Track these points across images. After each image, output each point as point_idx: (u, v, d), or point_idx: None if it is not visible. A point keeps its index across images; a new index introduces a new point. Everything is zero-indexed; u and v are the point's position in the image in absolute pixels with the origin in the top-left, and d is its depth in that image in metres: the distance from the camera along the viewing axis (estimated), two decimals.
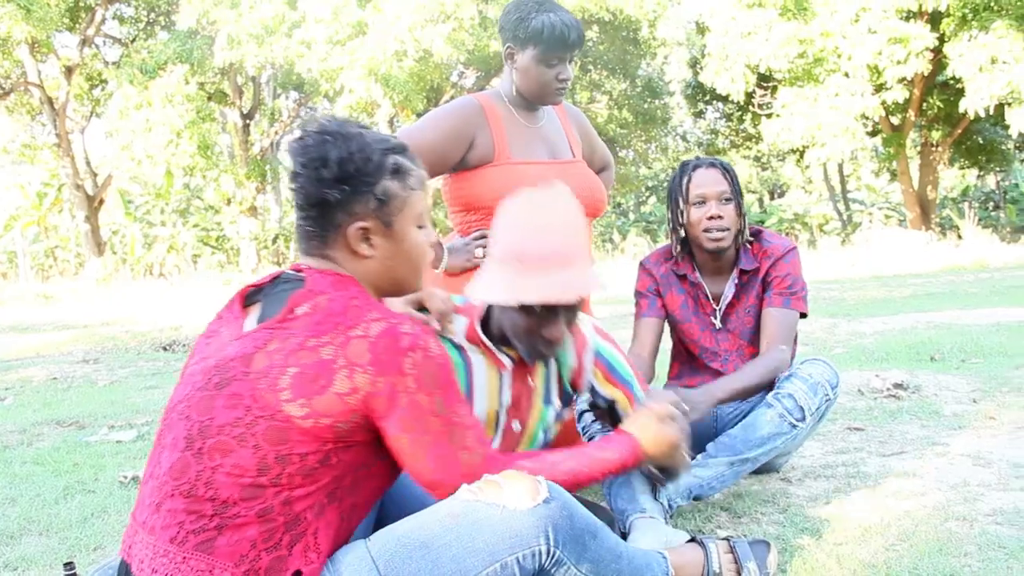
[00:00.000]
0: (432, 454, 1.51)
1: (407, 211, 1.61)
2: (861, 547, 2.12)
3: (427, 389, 1.48)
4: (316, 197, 1.54)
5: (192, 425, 1.46)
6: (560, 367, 2.13)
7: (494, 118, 2.82)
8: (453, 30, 17.26)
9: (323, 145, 1.54)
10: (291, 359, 1.45)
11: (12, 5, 16.31)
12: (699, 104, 23.52)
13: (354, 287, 1.55)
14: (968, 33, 15.70)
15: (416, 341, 1.48)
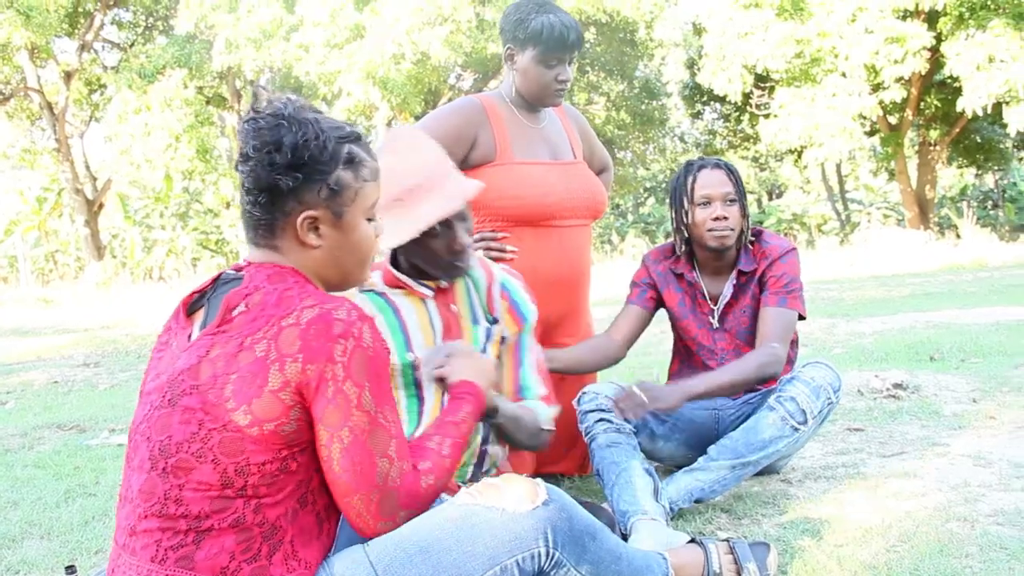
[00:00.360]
0: (348, 454, 1.42)
1: (359, 202, 1.55)
2: (862, 548, 2.13)
3: (356, 379, 1.41)
4: (266, 182, 1.48)
5: (153, 445, 1.43)
6: (477, 291, 2.24)
7: (496, 118, 2.83)
8: (451, 33, 17.27)
9: (277, 129, 1.48)
10: (231, 364, 1.41)
11: (12, 11, 16.32)
12: (697, 105, 23.52)
13: (291, 277, 1.50)
14: (965, 32, 15.70)
15: (349, 328, 1.42)
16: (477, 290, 2.24)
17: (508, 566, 1.47)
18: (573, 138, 2.99)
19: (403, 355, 2.11)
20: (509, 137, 2.84)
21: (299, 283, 1.50)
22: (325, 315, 1.41)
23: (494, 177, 2.78)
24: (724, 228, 2.64)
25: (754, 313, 2.73)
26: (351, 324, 1.42)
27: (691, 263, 2.80)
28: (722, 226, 2.64)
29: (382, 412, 1.45)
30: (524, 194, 2.76)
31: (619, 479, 2.42)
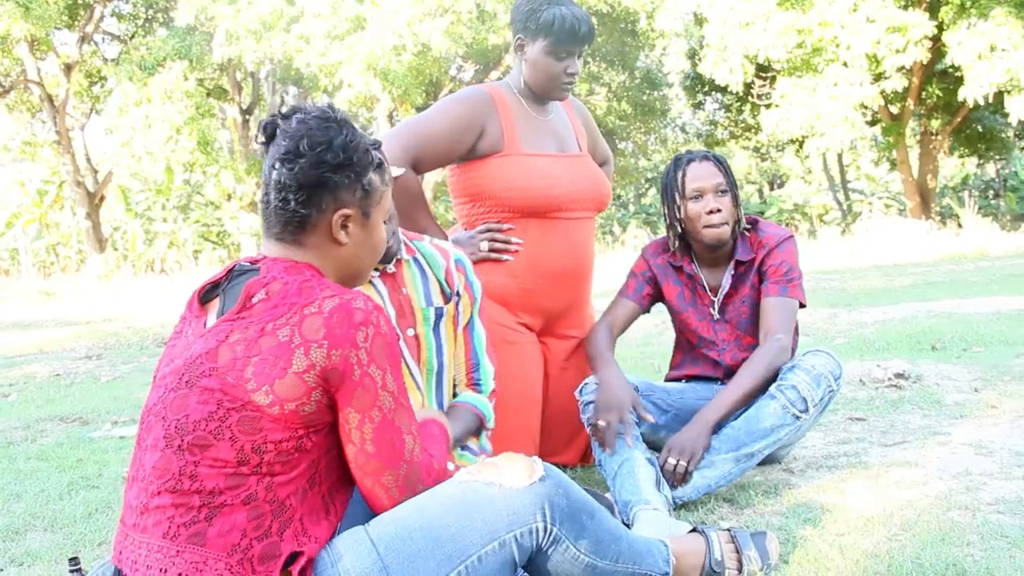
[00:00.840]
0: (379, 433, 1.50)
1: (382, 204, 1.66)
2: (863, 537, 2.13)
3: (379, 362, 1.49)
4: (314, 179, 1.55)
5: (169, 424, 1.47)
6: (435, 272, 2.34)
7: (504, 108, 2.83)
8: (451, 24, 17.23)
9: (327, 130, 1.57)
10: (252, 348, 1.46)
11: (11, 3, 16.28)
12: (698, 95, 23.47)
13: (308, 270, 1.57)
14: (967, 21, 15.65)
15: (368, 316, 1.49)
16: (434, 269, 2.34)
17: (506, 541, 1.50)
18: (578, 131, 3.00)
19: None
20: (517, 128, 2.83)
21: (316, 275, 1.56)
22: (346, 304, 1.48)
23: (502, 167, 2.79)
24: (719, 220, 2.64)
25: (753, 303, 2.73)
26: (369, 313, 1.49)
27: (689, 255, 2.80)
28: (717, 219, 2.64)
29: (402, 393, 1.53)
30: (531, 185, 2.76)
31: (621, 469, 2.42)
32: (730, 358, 2.78)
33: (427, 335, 2.30)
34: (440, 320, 2.32)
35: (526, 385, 2.85)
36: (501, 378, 2.71)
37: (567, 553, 1.59)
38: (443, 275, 2.35)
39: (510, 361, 2.79)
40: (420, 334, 2.29)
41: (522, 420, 2.84)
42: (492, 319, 2.78)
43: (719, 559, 1.92)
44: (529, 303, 2.86)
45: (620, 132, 25.06)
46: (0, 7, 16.46)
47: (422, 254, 2.35)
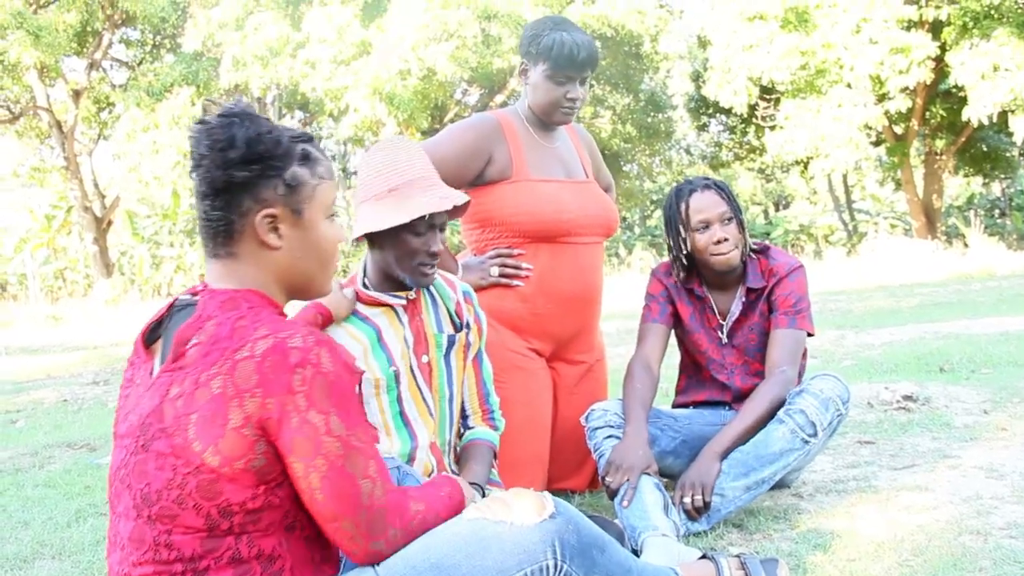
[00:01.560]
0: (327, 481, 1.38)
1: (316, 200, 1.52)
2: (874, 563, 2.12)
3: (320, 406, 1.37)
4: (222, 181, 1.44)
5: (135, 493, 1.41)
6: (445, 302, 2.37)
7: (511, 134, 2.85)
8: (456, 48, 17.32)
9: (229, 127, 1.44)
10: (191, 403, 1.37)
11: (22, 31, 16.44)
12: (702, 117, 23.54)
13: (246, 303, 1.45)
14: (969, 41, 15.71)
15: (306, 356, 1.37)
16: (444, 300, 2.37)
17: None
18: (584, 157, 3.02)
19: (386, 370, 2.23)
20: (525, 154, 2.85)
21: (254, 309, 1.44)
22: (280, 345, 1.37)
23: (511, 193, 2.81)
24: (727, 249, 2.65)
25: (762, 330, 2.74)
26: (307, 351, 1.38)
27: (699, 278, 2.80)
28: (725, 248, 2.65)
29: (354, 434, 1.41)
30: (540, 210, 2.78)
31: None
32: (739, 381, 2.78)
33: (439, 361, 2.33)
34: (452, 348, 2.35)
35: (535, 411, 2.85)
36: (510, 403, 2.73)
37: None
38: (453, 306, 2.38)
39: (519, 387, 2.80)
40: (432, 360, 2.31)
41: (531, 446, 2.84)
42: (502, 344, 2.80)
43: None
44: (539, 328, 2.87)
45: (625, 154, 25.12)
46: (11, 35, 16.62)
47: (434, 284, 2.38)
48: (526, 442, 2.82)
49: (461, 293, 2.42)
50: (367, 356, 2.22)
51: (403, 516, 1.47)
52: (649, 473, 2.46)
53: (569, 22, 2.81)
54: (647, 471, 2.45)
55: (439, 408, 2.33)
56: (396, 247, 2.19)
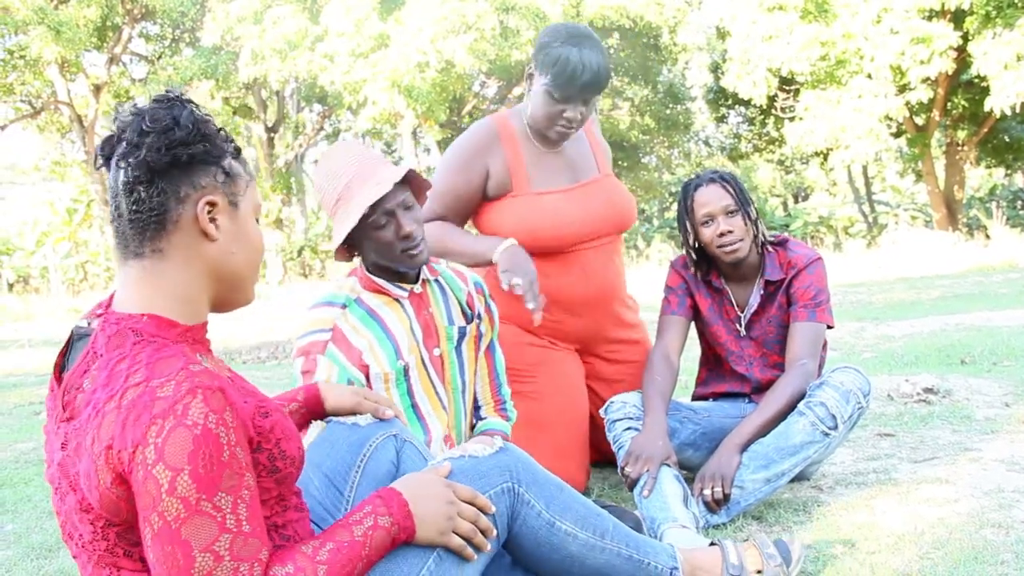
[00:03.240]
0: (157, 542, 1.21)
1: (248, 196, 1.44)
2: (895, 556, 2.11)
3: (170, 463, 1.19)
4: (166, 161, 1.32)
5: (74, 541, 1.36)
6: (455, 293, 2.38)
7: (510, 143, 2.78)
8: (475, 40, 17.33)
9: (171, 108, 1.35)
10: (77, 461, 1.28)
11: (43, 27, 16.58)
12: (721, 109, 23.43)
13: (132, 335, 1.31)
14: (992, 31, 15.54)
15: (172, 407, 1.21)
16: (455, 292, 2.38)
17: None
18: (598, 148, 2.96)
19: (394, 363, 2.23)
20: (525, 165, 2.78)
21: (140, 343, 1.30)
22: (147, 393, 1.23)
23: (512, 209, 2.76)
24: (732, 241, 2.65)
25: (780, 323, 2.73)
26: (175, 402, 1.21)
27: (716, 270, 2.81)
28: (728, 240, 2.66)
29: (209, 500, 1.21)
30: (538, 227, 2.72)
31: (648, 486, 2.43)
32: (758, 372, 2.78)
33: (450, 354, 2.34)
34: (462, 340, 2.36)
35: (567, 399, 2.89)
36: (543, 396, 2.81)
37: (541, 518, 1.64)
38: (464, 297, 2.39)
39: (548, 379, 2.85)
40: (444, 352, 2.32)
41: (569, 433, 2.87)
42: (524, 341, 2.85)
43: (736, 563, 1.90)
44: (559, 332, 2.89)
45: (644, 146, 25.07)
46: (32, 30, 16.75)
47: (443, 276, 2.39)
48: (564, 430, 2.86)
49: (472, 284, 2.43)
50: (373, 349, 2.21)
51: None
52: (669, 464, 2.46)
53: (587, 36, 2.61)
54: (667, 462, 2.46)
55: (452, 400, 2.34)
56: (371, 247, 2.21)
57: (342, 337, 2.20)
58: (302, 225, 24.11)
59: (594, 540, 1.71)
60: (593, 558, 1.71)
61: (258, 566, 1.25)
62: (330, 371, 2.17)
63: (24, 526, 3.00)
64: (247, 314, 12.09)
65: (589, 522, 1.72)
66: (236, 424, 1.27)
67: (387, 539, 1.43)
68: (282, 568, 1.29)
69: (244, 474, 1.26)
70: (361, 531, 1.40)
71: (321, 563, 1.33)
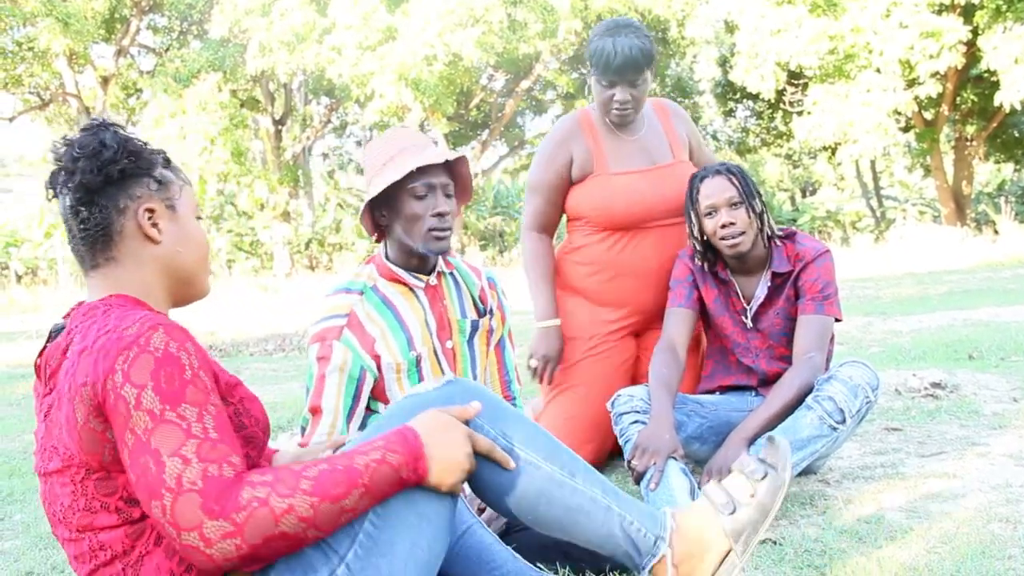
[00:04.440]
0: (133, 456, 1.30)
1: (184, 199, 1.56)
2: (902, 550, 2.11)
3: (135, 380, 1.30)
4: (100, 181, 1.45)
5: (56, 520, 1.44)
6: (469, 288, 2.41)
7: (591, 132, 3.05)
8: (482, 33, 17.31)
9: (96, 134, 1.48)
10: (59, 412, 1.39)
11: (51, 19, 16.61)
12: (729, 103, 23.35)
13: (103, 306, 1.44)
14: (1003, 25, 15.47)
15: (136, 339, 1.33)
16: (468, 286, 2.41)
17: None
18: (675, 137, 3.12)
19: (407, 353, 2.24)
20: (605, 150, 3.03)
21: (109, 311, 1.42)
22: (114, 332, 1.35)
23: (591, 189, 3.02)
24: (734, 234, 2.66)
25: (787, 315, 2.73)
26: (139, 335, 1.33)
27: (723, 262, 2.81)
28: (730, 232, 2.67)
29: (173, 410, 1.30)
30: (612, 204, 2.97)
31: (655, 478, 2.42)
32: (764, 365, 2.78)
33: (463, 347, 2.35)
34: (475, 333, 2.38)
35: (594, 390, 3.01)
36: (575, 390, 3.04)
37: (497, 444, 1.59)
38: (477, 292, 2.42)
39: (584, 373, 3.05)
40: (456, 345, 2.34)
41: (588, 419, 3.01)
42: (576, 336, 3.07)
43: (725, 501, 1.70)
44: (620, 300, 3.06)
45: None
46: (40, 22, 16.78)
47: (458, 270, 2.41)
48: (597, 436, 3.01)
49: (485, 279, 2.46)
50: (385, 338, 2.23)
51: (225, 506, 1.27)
52: (675, 457, 2.46)
53: (625, 25, 2.90)
54: (673, 455, 2.46)
55: None
56: (402, 216, 2.21)
57: (357, 324, 2.22)
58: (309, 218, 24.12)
59: (562, 476, 1.62)
60: (562, 497, 1.61)
61: (228, 467, 1.30)
62: (345, 357, 2.18)
63: (32, 516, 3.01)
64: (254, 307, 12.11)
65: (557, 457, 1.63)
66: (198, 354, 1.36)
67: (393, 476, 1.42)
68: (261, 476, 1.32)
69: (209, 394, 1.35)
70: (364, 461, 1.40)
71: (307, 478, 1.34)
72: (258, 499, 1.29)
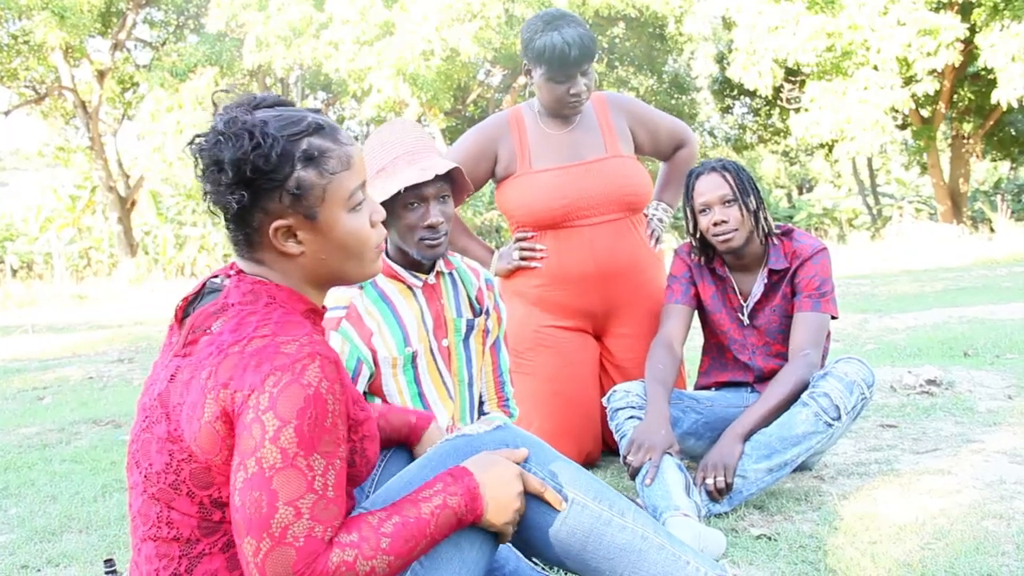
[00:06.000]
0: (248, 486, 1.26)
1: (330, 198, 1.40)
2: (896, 546, 2.12)
3: (280, 413, 1.26)
4: (225, 202, 1.38)
5: (141, 470, 1.39)
6: (467, 287, 2.41)
7: (519, 129, 2.99)
8: (480, 29, 17.26)
9: (217, 147, 1.36)
10: (186, 392, 1.33)
11: (47, 12, 16.55)
12: (726, 99, 23.36)
13: (266, 297, 1.40)
14: (1000, 23, 15.47)
15: (292, 363, 1.28)
16: (466, 286, 2.41)
17: None
18: (609, 132, 3.02)
19: (402, 349, 2.26)
20: (530, 147, 2.96)
21: (271, 306, 1.38)
22: (272, 346, 1.30)
23: (514, 187, 2.97)
24: (726, 231, 2.67)
25: (784, 312, 2.73)
26: (296, 359, 1.29)
27: (720, 258, 2.81)
28: (722, 230, 2.68)
29: (305, 458, 1.27)
30: (533, 201, 2.91)
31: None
32: (761, 361, 2.78)
33: (458, 346, 2.36)
34: (470, 333, 2.39)
35: (561, 385, 2.96)
36: (537, 380, 2.92)
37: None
38: (474, 292, 2.42)
39: (542, 363, 2.96)
40: (452, 344, 2.34)
41: (556, 420, 2.94)
42: (526, 323, 2.97)
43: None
44: (562, 307, 2.98)
45: None
46: (36, 15, 16.73)
47: (457, 270, 2.42)
48: (550, 416, 2.93)
49: (483, 280, 2.47)
50: (382, 333, 2.24)
51: (313, 568, 1.27)
52: (671, 453, 2.46)
53: (561, 15, 2.83)
54: (669, 451, 2.46)
55: (459, 393, 2.36)
56: (396, 224, 2.24)
57: (356, 316, 2.24)
58: None
59: (610, 515, 1.57)
60: (611, 535, 1.56)
61: (330, 531, 1.30)
62: (342, 348, 2.20)
63: (28, 510, 3.01)
64: None
65: (605, 496, 1.58)
66: (342, 398, 1.33)
67: (453, 519, 1.42)
68: (347, 535, 1.32)
69: (340, 445, 1.32)
70: (429, 508, 1.40)
71: (385, 535, 1.34)
72: (346, 563, 1.29)
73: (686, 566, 1.59)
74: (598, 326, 3.04)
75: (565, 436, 2.91)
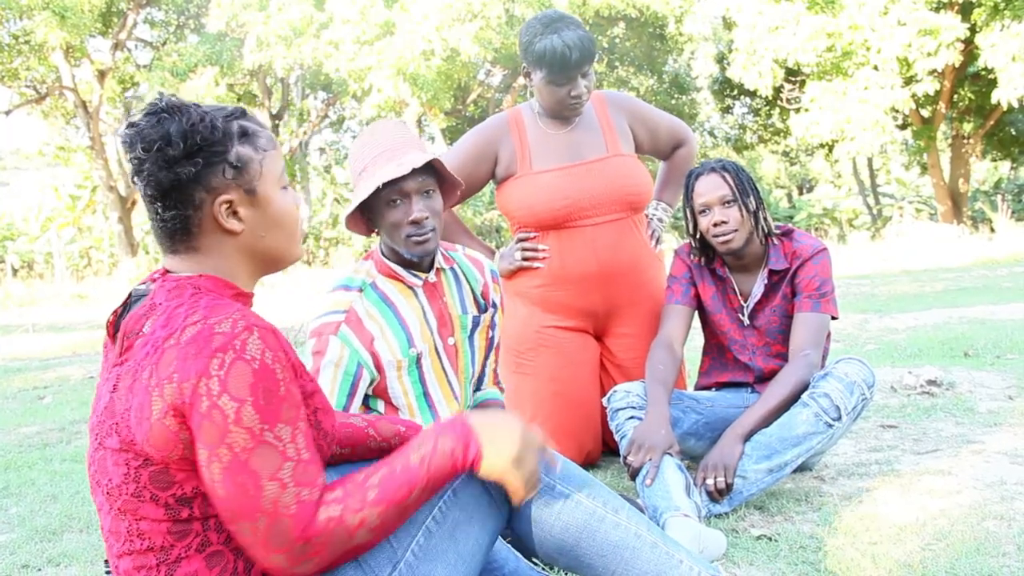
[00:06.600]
0: (228, 474, 1.28)
1: (266, 174, 1.45)
2: (896, 546, 2.12)
3: (234, 392, 1.27)
4: (168, 181, 1.37)
5: (102, 489, 1.38)
6: (470, 283, 2.39)
7: (519, 130, 2.98)
8: (480, 29, 17.27)
9: (160, 124, 1.38)
10: (130, 397, 1.33)
11: (48, 12, 16.56)
12: (727, 99, 23.36)
13: (191, 287, 1.39)
14: (1000, 23, 15.47)
15: (231, 340, 1.28)
16: (470, 281, 2.39)
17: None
18: (609, 131, 3.02)
19: (407, 351, 2.23)
20: (530, 148, 2.96)
21: (197, 295, 1.38)
22: (205, 330, 1.30)
23: (515, 188, 2.96)
24: (726, 232, 2.67)
25: (784, 312, 2.73)
26: (233, 336, 1.29)
27: (720, 258, 2.81)
28: (722, 230, 2.68)
29: (271, 430, 1.29)
30: (534, 202, 2.91)
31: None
32: (761, 362, 2.78)
33: (464, 343, 2.35)
34: (476, 329, 2.37)
35: (561, 385, 2.97)
36: (537, 380, 2.93)
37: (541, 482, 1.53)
38: (479, 287, 2.40)
39: (543, 363, 2.96)
40: (458, 342, 2.33)
41: (557, 419, 2.94)
42: (527, 324, 2.97)
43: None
44: (564, 307, 2.98)
45: None
46: (37, 15, 16.73)
47: (459, 265, 2.40)
48: (550, 416, 2.93)
49: (488, 272, 2.44)
50: (385, 336, 2.22)
51: (310, 531, 1.30)
52: (671, 453, 2.46)
53: (559, 17, 2.83)
54: (669, 451, 2.46)
55: (464, 390, 2.35)
56: (382, 223, 2.22)
57: (356, 320, 2.21)
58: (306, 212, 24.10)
59: (604, 512, 1.57)
60: (604, 531, 1.56)
61: (316, 490, 1.32)
62: (341, 352, 2.17)
63: (28, 509, 3.01)
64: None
65: (599, 493, 1.59)
66: (287, 364, 1.33)
67: (447, 463, 1.41)
68: (332, 492, 1.34)
69: (299, 407, 1.34)
70: (418, 456, 1.40)
71: (372, 487, 1.36)
72: (333, 518, 1.32)
73: (679, 565, 1.60)
74: (599, 326, 3.04)
75: (565, 436, 2.91)
